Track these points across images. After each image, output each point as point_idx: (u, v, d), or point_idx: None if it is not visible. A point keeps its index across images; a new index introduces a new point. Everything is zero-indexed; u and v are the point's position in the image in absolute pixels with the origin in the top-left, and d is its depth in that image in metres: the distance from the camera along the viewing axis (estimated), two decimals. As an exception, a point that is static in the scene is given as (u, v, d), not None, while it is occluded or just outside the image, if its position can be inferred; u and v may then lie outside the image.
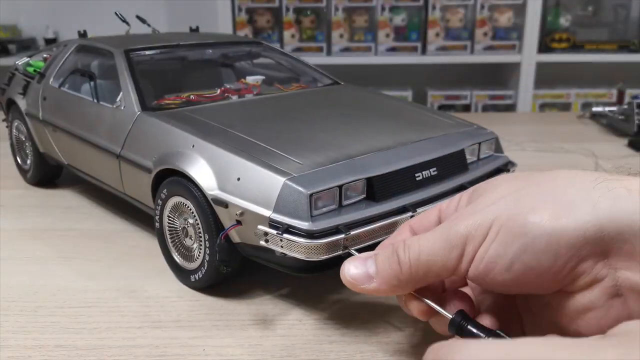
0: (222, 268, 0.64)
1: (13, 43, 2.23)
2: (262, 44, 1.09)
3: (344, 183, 0.61)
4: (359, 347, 0.59)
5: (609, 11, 2.07)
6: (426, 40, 2.01)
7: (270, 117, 0.78)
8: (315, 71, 1.06)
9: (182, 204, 0.70)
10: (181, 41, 0.98)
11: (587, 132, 1.52)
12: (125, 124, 0.80)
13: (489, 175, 0.76)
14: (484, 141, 0.79)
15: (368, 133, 0.74)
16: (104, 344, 0.60)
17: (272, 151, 0.66)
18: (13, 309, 0.67)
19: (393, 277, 0.45)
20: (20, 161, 1.14)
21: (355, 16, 2.03)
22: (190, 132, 0.71)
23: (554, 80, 2.14)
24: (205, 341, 0.60)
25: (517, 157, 0.86)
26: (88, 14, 2.27)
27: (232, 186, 0.63)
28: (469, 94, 2.10)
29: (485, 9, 1.98)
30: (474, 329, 0.44)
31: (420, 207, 0.64)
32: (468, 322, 0.44)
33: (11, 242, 0.86)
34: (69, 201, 1.02)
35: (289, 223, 0.57)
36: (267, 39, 2.03)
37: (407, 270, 0.44)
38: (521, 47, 1.99)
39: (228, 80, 1.05)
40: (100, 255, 0.81)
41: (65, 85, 0.97)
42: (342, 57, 2.02)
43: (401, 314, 0.64)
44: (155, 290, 0.71)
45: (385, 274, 0.46)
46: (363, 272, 0.47)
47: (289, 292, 0.70)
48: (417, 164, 0.68)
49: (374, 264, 0.47)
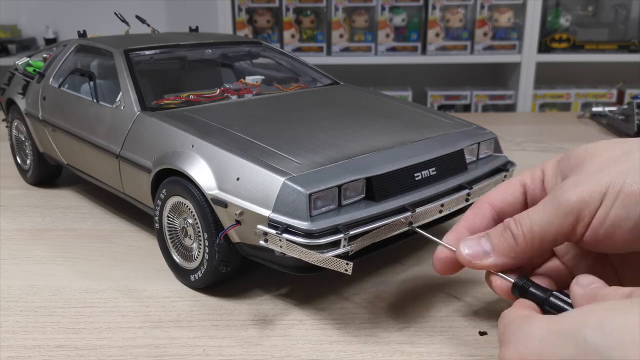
0: (221, 268, 0.64)
1: (13, 43, 2.23)
2: (262, 44, 1.09)
3: (343, 183, 0.61)
4: (359, 347, 0.59)
5: (609, 11, 2.07)
6: (426, 40, 2.02)
7: (270, 117, 0.78)
8: (315, 71, 1.06)
9: (182, 204, 0.70)
10: (181, 41, 0.98)
11: (587, 132, 1.52)
12: (124, 123, 0.80)
13: (488, 175, 0.76)
14: (483, 141, 0.79)
15: (367, 133, 0.74)
16: (104, 344, 0.60)
17: (271, 151, 0.66)
18: (13, 309, 0.67)
19: (510, 249, 0.49)
20: (20, 161, 1.14)
21: (355, 16, 2.03)
22: (190, 132, 0.71)
23: (554, 80, 2.14)
24: (205, 341, 0.60)
25: (517, 157, 0.86)
26: (88, 14, 2.27)
27: (232, 186, 0.63)
28: (469, 94, 2.10)
29: (485, 9, 1.98)
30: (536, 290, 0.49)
31: (419, 207, 0.65)
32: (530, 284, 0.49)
33: (11, 242, 0.86)
34: (69, 201, 1.02)
35: (288, 223, 0.57)
36: (267, 39, 2.03)
37: (522, 242, 0.48)
38: (521, 47, 1.99)
39: (227, 80, 1.05)
40: (100, 255, 0.81)
41: (65, 85, 0.97)
42: (342, 57, 2.03)
43: (401, 314, 0.64)
44: (155, 290, 0.71)
45: (501, 248, 0.49)
46: (479, 249, 0.51)
47: (289, 291, 0.70)
48: (416, 164, 0.68)
49: (488, 241, 0.51)
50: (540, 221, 0.47)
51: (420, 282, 0.72)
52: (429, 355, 0.57)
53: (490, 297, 0.67)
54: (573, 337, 0.35)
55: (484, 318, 0.63)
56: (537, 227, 0.47)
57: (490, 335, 0.60)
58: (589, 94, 2.06)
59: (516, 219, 0.49)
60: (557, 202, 0.46)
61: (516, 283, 0.49)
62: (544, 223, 0.47)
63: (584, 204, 0.45)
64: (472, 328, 0.61)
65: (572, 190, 0.46)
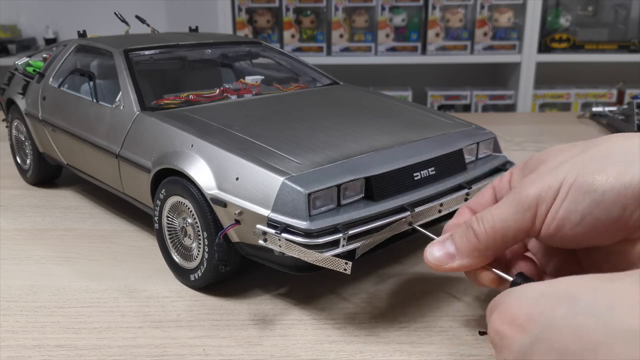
0: (220, 267, 0.64)
1: (13, 43, 2.23)
2: (261, 44, 1.09)
3: (342, 182, 0.61)
4: (359, 347, 0.59)
5: (609, 11, 2.07)
6: (426, 40, 2.02)
7: (269, 117, 0.78)
8: (315, 71, 1.06)
9: (181, 204, 0.70)
10: (180, 41, 0.98)
11: (587, 132, 1.52)
12: (124, 123, 0.80)
13: (488, 175, 0.76)
14: (482, 141, 0.79)
15: (366, 133, 0.74)
16: (104, 344, 0.60)
17: (270, 151, 0.66)
18: (13, 309, 0.67)
19: (473, 249, 0.50)
20: (20, 161, 1.14)
21: (355, 16, 2.03)
22: (189, 132, 0.71)
23: (554, 80, 2.14)
24: (205, 341, 0.60)
25: (517, 157, 0.86)
26: (88, 14, 2.27)
27: (231, 186, 0.63)
28: (469, 94, 2.10)
29: (485, 9, 1.98)
30: None
31: (418, 207, 0.65)
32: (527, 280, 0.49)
33: (11, 242, 0.86)
34: (69, 201, 1.02)
35: (288, 222, 0.58)
36: (267, 39, 2.04)
37: (484, 239, 0.48)
38: (521, 47, 1.99)
39: (227, 80, 1.05)
40: (100, 255, 0.81)
41: (65, 85, 0.97)
42: (342, 57, 2.03)
43: (400, 314, 0.64)
44: (155, 290, 0.71)
45: (465, 249, 0.50)
46: (444, 252, 0.51)
47: (288, 291, 0.70)
48: (415, 164, 0.68)
49: (452, 243, 0.51)
50: (500, 217, 0.47)
51: (420, 282, 0.72)
52: (429, 355, 0.57)
53: (490, 297, 0.67)
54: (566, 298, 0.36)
55: (484, 318, 0.63)
56: (499, 223, 0.47)
57: (489, 335, 0.60)
58: (589, 94, 2.06)
59: (478, 217, 0.49)
60: (517, 198, 0.47)
61: (514, 281, 0.50)
62: (505, 219, 0.47)
63: (540, 199, 0.46)
64: (472, 328, 0.61)
65: (531, 186, 0.46)
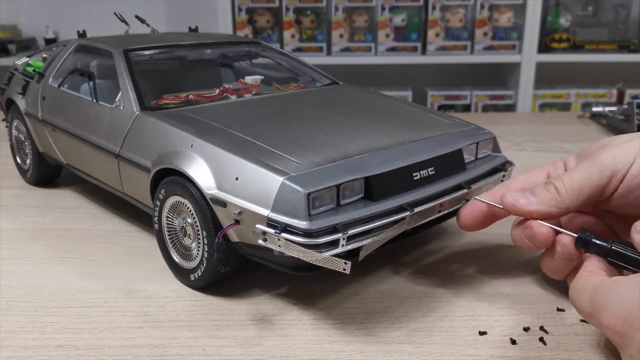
0: (220, 267, 0.64)
1: (13, 43, 2.24)
2: (261, 44, 1.09)
3: (341, 182, 0.61)
4: (359, 347, 0.59)
5: (609, 11, 2.07)
6: (426, 40, 2.02)
7: (269, 117, 0.78)
8: (314, 71, 1.06)
9: (181, 204, 0.70)
10: (180, 41, 0.98)
11: (587, 132, 1.52)
12: (124, 123, 0.80)
13: (487, 175, 0.76)
14: (482, 141, 0.79)
15: (366, 133, 0.74)
16: (104, 344, 0.60)
17: (270, 151, 0.66)
18: (13, 309, 0.67)
19: (552, 199, 0.57)
20: (19, 161, 1.14)
21: (355, 16, 2.03)
22: (189, 132, 0.71)
23: (554, 80, 2.14)
24: (205, 341, 0.60)
25: (517, 157, 0.86)
26: (88, 14, 2.28)
27: (231, 185, 0.63)
28: (469, 94, 2.10)
29: (485, 9, 1.98)
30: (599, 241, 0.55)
31: (417, 207, 0.65)
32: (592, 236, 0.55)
33: (11, 242, 0.86)
34: (69, 201, 1.02)
35: (287, 222, 0.58)
36: (267, 39, 2.04)
37: (563, 193, 0.56)
38: (521, 47, 1.99)
39: (227, 80, 1.05)
40: (100, 255, 0.81)
41: (65, 85, 0.97)
42: (342, 57, 2.03)
43: (400, 314, 0.64)
44: (155, 290, 0.71)
45: (544, 198, 0.57)
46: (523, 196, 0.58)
47: (288, 291, 0.70)
48: (414, 164, 0.68)
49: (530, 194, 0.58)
50: (579, 176, 0.55)
51: (420, 282, 0.72)
52: (429, 355, 0.57)
53: (490, 297, 0.67)
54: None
55: (484, 318, 0.63)
56: (577, 181, 0.55)
57: (489, 335, 0.60)
58: (589, 94, 2.06)
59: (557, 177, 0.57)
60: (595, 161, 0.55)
61: (580, 236, 0.55)
62: (584, 177, 0.55)
63: (618, 162, 0.54)
64: (472, 328, 0.61)
65: (608, 152, 0.55)
